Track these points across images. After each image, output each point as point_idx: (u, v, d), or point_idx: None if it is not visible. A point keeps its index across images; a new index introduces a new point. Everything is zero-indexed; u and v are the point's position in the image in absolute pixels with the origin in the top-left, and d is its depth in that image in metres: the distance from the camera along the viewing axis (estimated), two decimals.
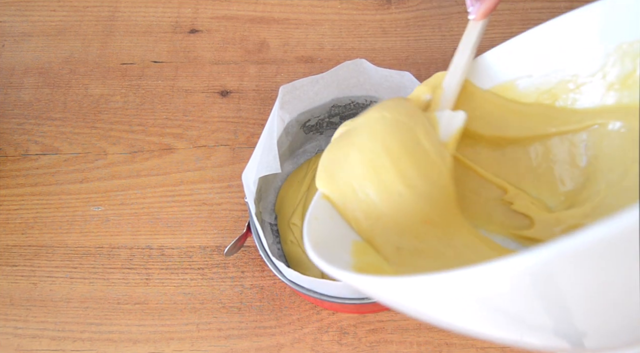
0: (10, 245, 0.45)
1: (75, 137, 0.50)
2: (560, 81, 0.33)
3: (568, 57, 0.33)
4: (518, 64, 0.34)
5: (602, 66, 0.32)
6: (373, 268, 0.28)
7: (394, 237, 0.29)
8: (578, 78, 0.33)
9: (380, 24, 0.53)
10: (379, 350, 0.40)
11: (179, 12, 0.55)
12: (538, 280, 0.18)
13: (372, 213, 0.30)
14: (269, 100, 0.50)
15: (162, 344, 0.41)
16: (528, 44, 0.34)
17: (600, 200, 0.31)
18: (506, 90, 0.34)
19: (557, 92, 0.33)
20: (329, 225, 0.29)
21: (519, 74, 0.34)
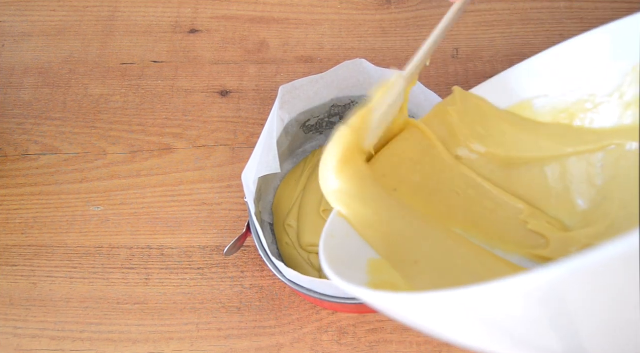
0: (10, 245, 0.45)
1: (75, 137, 0.50)
2: (577, 101, 0.33)
3: (585, 77, 0.33)
4: (535, 83, 0.34)
5: (619, 86, 0.32)
6: (388, 286, 0.28)
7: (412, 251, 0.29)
8: (595, 98, 0.33)
9: (380, 23, 0.53)
10: (379, 350, 0.40)
11: (178, 12, 0.55)
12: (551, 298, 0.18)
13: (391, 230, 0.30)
14: (269, 100, 0.50)
15: (161, 344, 0.41)
16: (545, 63, 0.33)
17: (614, 220, 0.31)
18: (523, 110, 0.34)
19: (575, 111, 0.33)
20: (345, 243, 0.29)
21: (535, 94, 0.34)
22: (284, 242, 0.42)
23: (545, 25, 0.52)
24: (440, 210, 0.32)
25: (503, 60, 0.51)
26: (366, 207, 0.30)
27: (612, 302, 0.18)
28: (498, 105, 0.34)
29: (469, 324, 0.21)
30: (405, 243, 0.30)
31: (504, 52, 0.51)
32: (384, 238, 0.30)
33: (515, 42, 0.52)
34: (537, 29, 0.52)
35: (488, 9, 0.53)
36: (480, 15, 0.53)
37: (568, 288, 0.18)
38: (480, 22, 0.53)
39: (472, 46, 0.52)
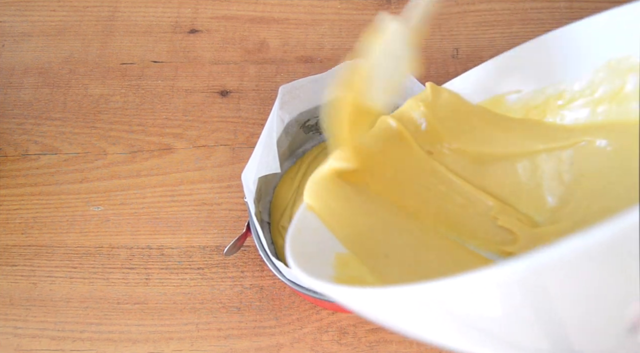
0: (10, 245, 0.45)
1: (75, 137, 0.50)
2: (549, 97, 0.33)
3: (557, 73, 0.33)
4: (508, 79, 0.34)
5: (590, 82, 0.32)
6: (355, 281, 0.27)
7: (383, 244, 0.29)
8: (566, 94, 0.33)
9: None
10: (379, 349, 0.40)
11: (178, 12, 0.55)
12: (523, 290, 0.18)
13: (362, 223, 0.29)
14: (269, 100, 0.50)
15: (161, 344, 0.41)
16: (517, 59, 0.34)
17: (581, 217, 0.31)
18: (495, 105, 0.34)
19: (546, 108, 0.33)
20: (313, 237, 0.29)
21: (508, 89, 0.34)
22: (279, 244, 0.42)
23: (546, 26, 0.52)
24: (412, 204, 0.32)
25: None
26: (337, 200, 0.30)
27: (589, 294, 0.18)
28: (471, 100, 0.34)
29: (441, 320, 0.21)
30: (375, 236, 0.30)
31: (504, 52, 0.51)
32: (354, 231, 0.29)
33: (516, 42, 0.51)
34: (537, 29, 0.52)
35: (488, 9, 0.53)
36: (480, 15, 0.53)
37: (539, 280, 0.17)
38: (480, 22, 0.53)
39: (472, 46, 0.52)
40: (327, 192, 0.30)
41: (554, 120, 0.33)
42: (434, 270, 0.28)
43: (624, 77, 0.31)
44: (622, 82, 0.31)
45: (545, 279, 0.17)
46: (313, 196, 0.30)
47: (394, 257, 0.29)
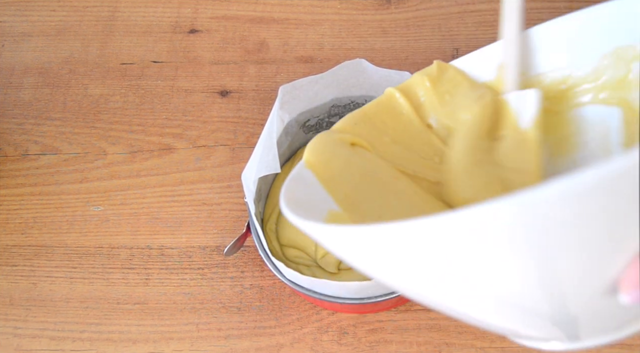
0: (10, 245, 0.45)
1: (75, 137, 0.50)
2: (552, 82, 0.33)
3: (562, 59, 0.33)
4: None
5: (595, 69, 0.32)
6: None
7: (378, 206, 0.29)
8: (570, 79, 0.33)
9: (380, 24, 0.53)
10: (379, 350, 0.40)
11: (178, 12, 0.55)
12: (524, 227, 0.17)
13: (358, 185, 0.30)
14: (269, 100, 0.50)
15: (161, 344, 0.41)
16: (525, 41, 0.34)
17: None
18: (500, 85, 0.34)
19: (549, 92, 0.33)
20: (307, 190, 0.29)
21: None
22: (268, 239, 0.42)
23: None
24: (410, 170, 0.33)
25: None
26: (337, 159, 0.30)
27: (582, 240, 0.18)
28: (478, 78, 0.35)
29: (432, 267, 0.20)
30: (371, 198, 0.30)
31: None
32: (350, 191, 0.30)
33: None
34: None
35: (488, 9, 0.53)
36: (480, 15, 0.53)
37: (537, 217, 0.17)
38: (480, 22, 0.53)
39: (472, 46, 0.52)
40: (329, 151, 0.31)
41: (554, 105, 0.33)
42: None
43: (629, 64, 0.31)
44: (626, 70, 0.31)
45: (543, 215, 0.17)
46: (314, 153, 0.31)
47: (387, 220, 0.28)
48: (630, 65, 0.31)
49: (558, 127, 0.33)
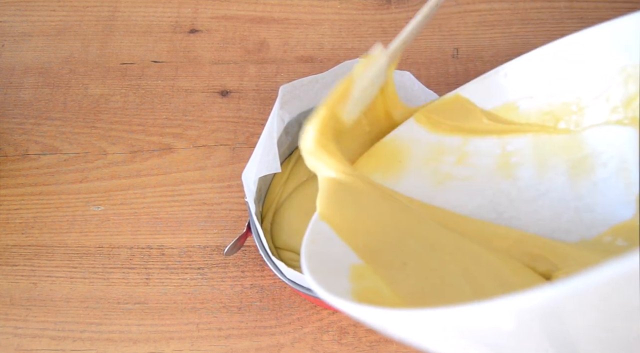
0: (10, 245, 0.45)
1: (75, 136, 0.50)
2: (562, 103, 0.33)
3: (571, 80, 0.32)
4: (520, 85, 0.34)
5: (605, 89, 0.32)
6: (372, 294, 0.27)
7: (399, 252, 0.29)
8: (581, 100, 0.32)
9: (380, 23, 0.53)
10: (379, 349, 0.40)
11: (178, 12, 0.55)
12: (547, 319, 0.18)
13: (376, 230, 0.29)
14: (269, 100, 0.50)
15: (162, 344, 0.41)
16: (531, 65, 0.33)
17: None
18: (507, 111, 0.34)
19: (559, 114, 0.33)
20: (327, 249, 0.28)
21: (520, 95, 0.34)
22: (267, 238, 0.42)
23: (546, 25, 0.52)
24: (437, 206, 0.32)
25: (503, 60, 0.50)
26: (350, 208, 0.29)
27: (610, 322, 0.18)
28: (483, 106, 0.34)
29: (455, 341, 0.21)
30: (391, 244, 0.29)
31: (505, 51, 0.51)
32: (368, 240, 0.29)
33: (516, 42, 0.52)
34: (537, 29, 0.52)
35: (488, 9, 0.53)
36: (480, 15, 0.53)
37: (565, 308, 0.17)
38: (480, 22, 0.53)
39: (472, 46, 0.52)
40: (339, 199, 0.30)
41: (567, 126, 0.33)
42: (454, 277, 0.28)
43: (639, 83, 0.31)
44: (636, 89, 0.31)
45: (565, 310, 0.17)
46: (325, 205, 0.29)
47: (411, 265, 0.28)
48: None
49: (573, 149, 0.33)
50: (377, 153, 0.34)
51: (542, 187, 0.33)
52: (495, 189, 0.34)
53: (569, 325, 0.18)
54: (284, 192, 0.43)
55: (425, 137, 0.34)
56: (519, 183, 0.34)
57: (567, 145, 0.33)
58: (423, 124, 0.34)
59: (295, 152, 0.45)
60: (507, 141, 0.34)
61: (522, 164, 0.34)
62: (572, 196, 0.32)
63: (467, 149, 0.34)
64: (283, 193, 0.43)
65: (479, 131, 0.34)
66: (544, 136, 0.33)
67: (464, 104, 0.34)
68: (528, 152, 0.34)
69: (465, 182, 0.34)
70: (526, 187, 0.34)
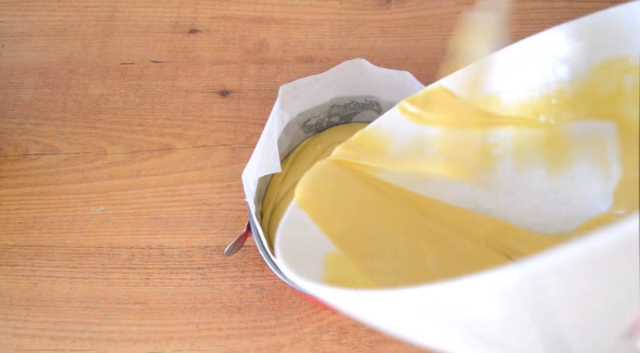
0: (10, 245, 0.45)
1: (75, 137, 0.50)
2: (543, 96, 0.33)
3: (553, 73, 0.32)
4: (502, 77, 0.33)
5: (586, 83, 0.32)
6: (345, 281, 0.27)
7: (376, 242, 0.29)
8: (562, 94, 0.32)
9: (380, 23, 0.53)
10: (379, 349, 0.40)
11: (178, 12, 0.55)
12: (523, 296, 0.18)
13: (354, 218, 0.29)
14: (269, 100, 0.50)
15: (162, 344, 0.41)
16: (512, 57, 0.33)
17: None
18: (489, 104, 0.34)
19: (540, 107, 0.33)
20: (303, 235, 0.28)
21: (502, 88, 0.33)
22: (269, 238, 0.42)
23: (545, 25, 0.52)
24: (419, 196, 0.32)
25: None
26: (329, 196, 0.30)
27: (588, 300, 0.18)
28: (465, 97, 0.34)
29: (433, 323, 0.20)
30: (368, 234, 0.29)
31: None
32: (345, 229, 0.29)
33: (516, 42, 0.52)
34: (537, 29, 0.52)
35: None
36: None
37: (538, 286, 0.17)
38: None
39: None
40: (319, 187, 0.30)
41: (547, 120, 0.33)
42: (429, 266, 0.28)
43: (621, 77, 0.30)
44: (618, 83, 0.31)
45: (545, 285, 0.17)
46: (304, 190, 0.30)
47: (387, 254, 0.28)
48: (622, 78, 0.30)
49: (553, 142, 0.33)
50: (359, 142, 0.33)
51: (520, 180, 0.33)
52: (476, 181, 0.34)
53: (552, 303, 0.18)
54: (281, 191, 0.43)
55: (408, 127, 0.34)
56: (499, 176, 0.34)
57: (547, 138, 0.33)
58: (405, 114, 0.34)
59: (293, 151, 0.45)
60: (489, 133, 0.34)
61: (502, 156, 0.34)
62: (550, 189, 0.32)
63: (448, 140, 0.34)
64: (280, 193, 0.43)
65: (461, 123, 0.34)
66: (524, 129, 0.33)
67: (446, 96, 0.34)
68: (509, 144, 0.34)
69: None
70: (506, 179, 0.34)
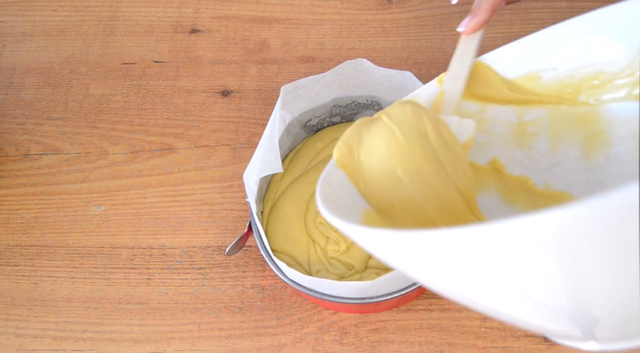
0: (12, 245, 0.45)
1: (76, 137, 0.50)
2: (585, 77, 0.33)
3: (595, 54, 0.32)
4: (544, 56, 0.34)
5: (629, 64, 0.32)
6: None
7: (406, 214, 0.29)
8: (603, 75, 0.32)
9: (381, 23, 0.53)
10: (380, 349, 0.40)
11: (180, 12, 0.55)
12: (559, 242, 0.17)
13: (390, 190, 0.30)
14: (270, 100, 0.50)
15: (163, 344, 0.41)
16: (556, 37, 0.33)
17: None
18: (529, 81, 0.34)
19: (581, 87, 0.33)
20: (340, 192, 0.29)
21: (544, 66, 0.34)
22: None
23: (546, 25, 0.52)
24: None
25: None
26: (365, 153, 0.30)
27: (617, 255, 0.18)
28: (506, 74, 0.34)
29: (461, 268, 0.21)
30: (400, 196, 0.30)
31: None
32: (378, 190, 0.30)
33: None
34: (538, 29, 0.52)
35: None
36: None
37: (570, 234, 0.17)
38: None
39: None
40: (355, 144, 0.31)
41: (587, 100, 0.33)
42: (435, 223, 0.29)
43: None
44: None
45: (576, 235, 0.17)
46: (342, 150, 0.31)
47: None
48: None
49: (591, 122, 0.33)
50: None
51: (555, 158, 0.34)
52: (509, 157, 0.34)
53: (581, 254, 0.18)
54: (280, 188, 0.43)
55: None
56: (534, 153, 0.34)
57: (585, 118, 0.33)
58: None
59: (293, 149, 0.45)
60: (525, 111, 0.34)
61: (538, 134, 0.34)
62: (584, 168, 0.33)
63: (485, 115, 0.34)
64: (278, 190, 0.43)
65: (498, 99, 0.34)
66: (562, 108, 0.34)
67: (484, 71, 0.34)
68: (545, 122, 0.34)
69: (480, 148, 0.35)
70: (540, 156, 0.34)
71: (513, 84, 0.34)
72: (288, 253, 0.40)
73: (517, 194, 0.34)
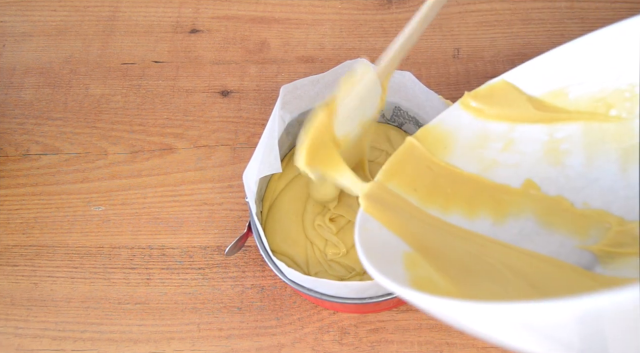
0: (11, 245, 0.45)
1: (76, 137, 0.50)
2: (615, 90, 0.32)
3: (625, 66, 0.31)
4: (570, 71, 0.33)
5: None
6: (427, 283, 0.27)
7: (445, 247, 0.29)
8: (635, 87, 0.31)
9: (380, 23, 0.53)
10: (380, 349, 0.40)
11: (179, 12, 0.55)
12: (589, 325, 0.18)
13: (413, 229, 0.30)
14: (270, 100, 0.50)
15: (162, 344, 0.41)
16: (583, 50, 0.32)
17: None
18: (556, 97, 0.33)
19: (612, 101, 0.32)
20: (379, 236, 0.29)
21: (571, 81, 0.33)
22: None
23: (547, 25, 0.52)
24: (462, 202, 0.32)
25: (504, 60, 0.51)
26: (388, 209, 0.30)
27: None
28: (530, 92, 0.33)
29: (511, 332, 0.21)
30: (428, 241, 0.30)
31: (505, 52, 0.51)
32: (411, 232, 0.29)
33: (517, 42, 0.52)
34: (538, 29, 0.52)
35: (489, 9, 0.53)
36: (481, 15, 0.53)
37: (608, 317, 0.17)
38: (481, 22, 0.53)
39: (473, 46, 0.52)
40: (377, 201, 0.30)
41: (619, 114, 0.32)
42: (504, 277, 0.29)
43: None
44: None
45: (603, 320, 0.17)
46: (366, 206, 0.30)
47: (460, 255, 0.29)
48: None
49: (625, 137, 0.32)
50: (422, 138, 0.33)
51: (591, 175, 0.33)
52: (543, 176, 0.33)
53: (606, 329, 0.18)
54: (277, 188, 0.43)
55: (471, 122, 0.33)
56: (568, 171, 0.33)
57: (619, 132, 0.32)
58: (468, 110, 0.33)
59: (291, 149, 0.45)
60: (556, 128, 0.33)
61: (571, 151, 0.33)
62: (622, 185, 0.32)
63: (513, 135, 0.33)
64: (276, 190, 0.43)
65: (525, 118, 0.33)
66: (594, 124, 0.32)
67: (509, 90, 0.33)
68: (577, 139, 0.33)
69: (511, 169, 0.34)
70: (575, 174, 0.33)
71: (540, 102, 0.33)
72: (286, 254, 0.40)
73: (553, 216, 0.33)
